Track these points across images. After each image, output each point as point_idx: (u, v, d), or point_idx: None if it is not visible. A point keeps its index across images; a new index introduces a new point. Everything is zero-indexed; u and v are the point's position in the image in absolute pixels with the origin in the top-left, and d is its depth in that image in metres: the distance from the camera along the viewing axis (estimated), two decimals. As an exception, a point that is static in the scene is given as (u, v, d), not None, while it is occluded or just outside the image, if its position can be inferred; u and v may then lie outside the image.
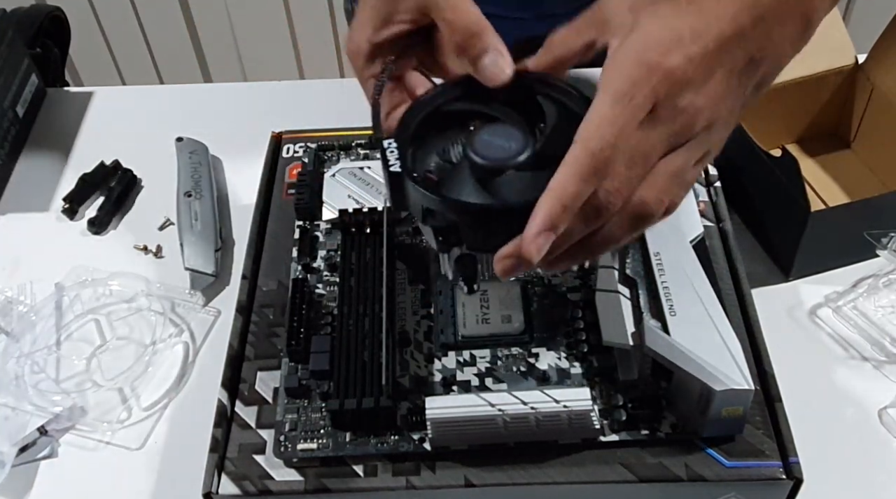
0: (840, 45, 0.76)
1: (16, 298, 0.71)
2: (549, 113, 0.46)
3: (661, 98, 0.39)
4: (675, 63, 0.39)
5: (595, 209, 0.40)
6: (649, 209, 0.41)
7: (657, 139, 0.40)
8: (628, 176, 0.40)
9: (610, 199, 0.39)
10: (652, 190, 0.41)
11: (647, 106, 0.39)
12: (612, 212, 0.40)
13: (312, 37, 1.74)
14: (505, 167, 0.44)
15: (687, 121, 0.40)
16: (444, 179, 0.46)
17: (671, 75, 0.39)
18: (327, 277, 0.59)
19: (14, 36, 0.85)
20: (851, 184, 0.77)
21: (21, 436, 0.61)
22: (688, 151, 0.41)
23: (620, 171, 0.39)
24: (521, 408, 0.49)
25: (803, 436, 0.50)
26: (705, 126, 0.41)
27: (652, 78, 0.39)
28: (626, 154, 0.39)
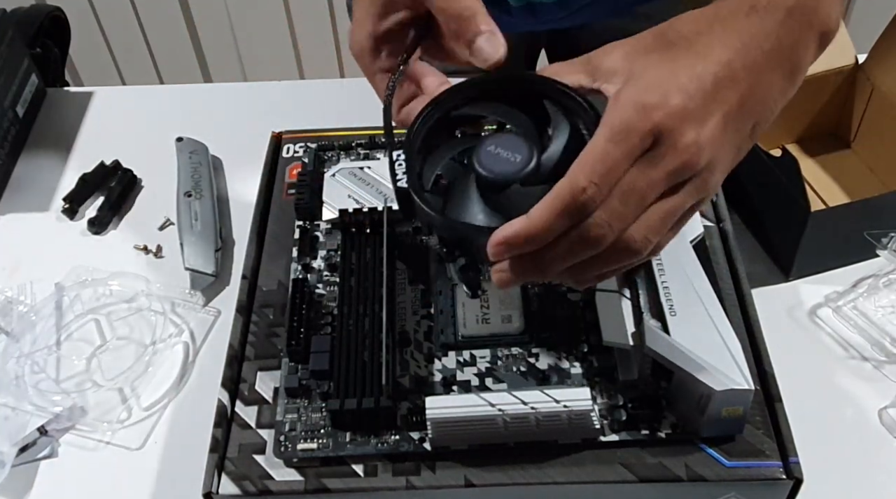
0: (840, 45, 0.76)
1: (16, 298, 0.71)
2: (557, 120, 0.46)
3: (663, 135, 0.39)
4: (677, 101, 0.39)
5: (583, 240, 0.40)
6: (635, 246, 0.41)
7: (656, 177, 0.40)
8: (622, 212, 0.40)
9: (600, 232, 0.40)
10: (642, 229, 0.41)
11: (646, 142, 0.39)
12: (602, 245, 0.40)
13: (312, 37, 1.74)
14: (509, 182, 0.44)
15: (687, 159, 0.40)
16: (452, 189, 0.46)
17: (673, 112, 0.39)
18: (327, 277, 0.59)
19: (14, 36, 0.85)
20: (851, 184, 0.77)
21: (21, 436, 0.61)
22: (686, 193, 0.41)
23: (614, 205, 0.40)
24: (521, 408, 0.49)
25: (803, 436, 0.50)
26: (706, 166, 0.41)
27: (653, 116, 0.39)
28: (622, 189, 0.39)
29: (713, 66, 0.40)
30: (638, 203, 0.40)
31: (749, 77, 0.41)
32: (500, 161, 0.44)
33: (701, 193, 0.42)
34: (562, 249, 0.40)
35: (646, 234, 0.41)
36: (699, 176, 0.41)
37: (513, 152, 0.44)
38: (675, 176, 0.40)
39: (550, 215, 0.39)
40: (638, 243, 0.41)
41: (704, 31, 0.42)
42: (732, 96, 0.41)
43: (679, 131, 0.39)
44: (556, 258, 0.41)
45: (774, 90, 0.42)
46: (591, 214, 0.39)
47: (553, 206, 0.39)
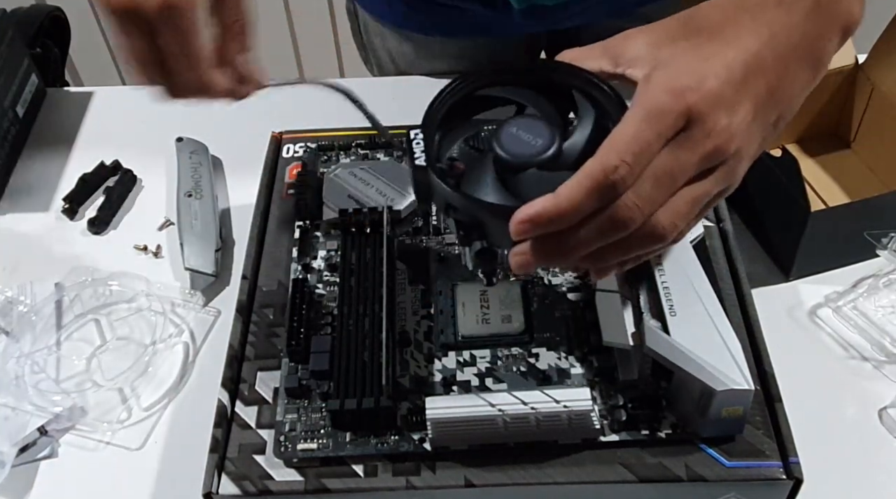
0: (840, 45, 0.76)
1: (16, 298, 0.71)
2: (583, 108, 0.45)
3: (696, 118, 0.39)
4: (711, 85, 0.39)
5: (612, 222, 0.39)
6: (661, 231, 0.40)
7: (688, 160, 0.39)
8: (651, 194, 0.39)
9: (629, 214, 0.39)
10: (669, 214, 0.40)
11: (678, 124, 0.39)
12: (630, 228, 0.39)
13: (312, 37, 1.74)
14: (527, 165, 0.43)
15: (720, 144, 0.39)
16: (467, 171, 0.45)
17: (707, 96, 0.39)
18: (327, 277, 0.59)
19: (14, 36, 0.85)
20: (851, 184, 0.77)
21: (21, 436, 0.61)
22: (714, 180, 0.41)
23: (645, 187, 0.39)
24: (521, 408, 0.49)
25: (803, 436, 0.50)
26: (735, 153, 0.40)
27: (687, 98, 0.39)
28: (653, 171, 0.39)
29: (743, 55, 0.40)
30: (668, 186, 0.39)
31: (777, 67, 0.41)
32: (520, 143, 0.43)
33: (728, 180, 0.42)
34: (588, 230, 0.39)
35: (673, 219, 0.40)
36: (727, 163, 0.41)
37: (534, 136, 0.44)
38: (707, 161, 0.40)
39: (580, 194, 0.38)
40: (665, 228, 0.40)
41: (732, 19, 0.41)
42: (762, 85, 0.40)
43: (712, 116, 0.39)
44: (580, 241, 0.40)
45: (799, 82, 0.42)
46: (620, 196, 0.38)
47: (583, 184, 0.38)
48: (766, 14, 0.41)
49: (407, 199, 0.62)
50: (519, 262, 0.41)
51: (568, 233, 0.40)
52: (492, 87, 0.47)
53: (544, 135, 0.44)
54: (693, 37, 0.41)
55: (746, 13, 0.41)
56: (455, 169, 0.46)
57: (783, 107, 0.42)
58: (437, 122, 0.46)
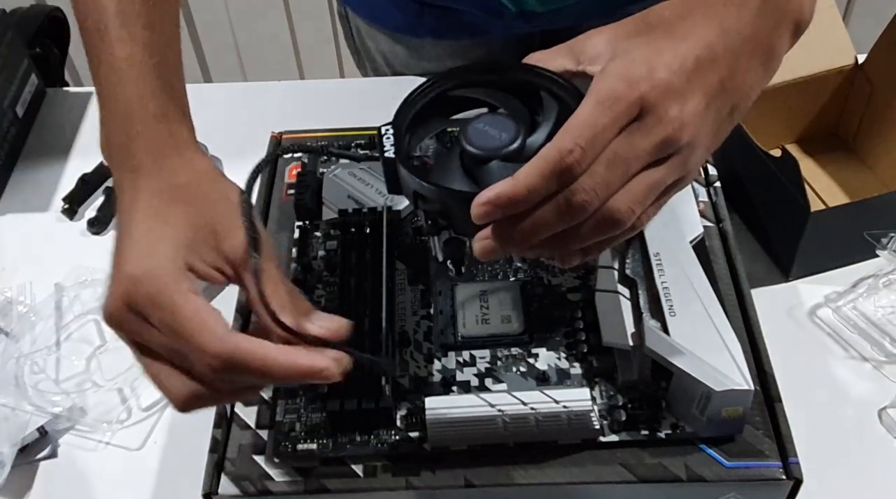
0: (840, 45, 0.76)
1: (16, 298, 0.71)
2: (548, 106, 0.46)
3: (648, 107, 0.40)
4: (662, 75, 0.40)
5: (569, 204, 0.40)
6: (619, 216, 0.41)
7: (641, 147, 0.40)
8: (606, 178, 0.40)
9: (585, 197, 0.40)
10: (626, 199, 0.41)
11: (631, 112, 0.40)
12: (587, 211, 0.40)
13: (312, 37, 1.74)
14: (492, 156, 0.45)
15: (672, 133, 0.41)
16: (435, 164, 0.46)
17: (658, 86, 0.40)
18: (327, 277, 0.59)
19: (14, 36, 0.85)
20: (851, 184, 0.77)
21: (21, 436, 0.61)
22: (668, 168, 0.42)
23: (599, 171, 0.40)
24: (521, 408, 0.49)
25: (803, 436, 0.50)
26: (688, 142, 0.41)
27: (640, 87, 0.40)
28: (607, 156, 0.40)
29: (695, 48, 0.41)
30: (623, 171, 0.41)
31: (728, 60, 0.42)
32: (486, 137, 0.45)
33: (682, 169, 0.43)
34: (546, 213, 0.40)
35: (629, 204, 0.41)
36: (680, 153, 0.42)
37: (500, 131, 0.45)
38: (659, 149, 0.41)
39: (536, 177, 0.40)
40: (622, 213, 0.41)
41: (686, 15, 0.43)
42: (713, 77, 0.42)
43: (663, 105, 0.40)
44: (539, 224, 0.41)
45: (752, 75, 0.43)
46: (576, 179, 0.40)
47: (539, 167, 0.40)
48: (718, 10, 0.43)
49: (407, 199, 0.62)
50: (482, 247, 0.42)
51: (527, 216, 0.41)
52: (462, 89, 0.49)
53: (509, 129, 0.45)
54: (648, 33, 0.43)
55: (699, 10, 0.43)
56: (424, 164, 0.47)
57: (736, 98, 0.43)
58: (408, 120, 0.47)
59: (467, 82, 0.49)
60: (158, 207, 0.45)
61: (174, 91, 0.49)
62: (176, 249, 0.43)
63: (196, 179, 0.46)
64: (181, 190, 0.46)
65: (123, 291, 0.43)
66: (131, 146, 0.46)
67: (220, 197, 0.46)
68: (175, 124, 0.48)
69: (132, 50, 0.48)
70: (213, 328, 0.41)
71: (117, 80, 0.48)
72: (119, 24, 0.48)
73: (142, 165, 0.46)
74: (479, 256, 0.43)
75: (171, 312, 0.42)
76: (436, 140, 0.49)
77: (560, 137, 0.40)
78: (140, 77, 0.48)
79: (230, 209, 0.45)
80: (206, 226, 0.45)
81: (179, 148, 0.47)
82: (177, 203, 0.45)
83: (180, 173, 0.46)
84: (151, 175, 0.46)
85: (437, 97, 0.48)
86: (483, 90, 0.48)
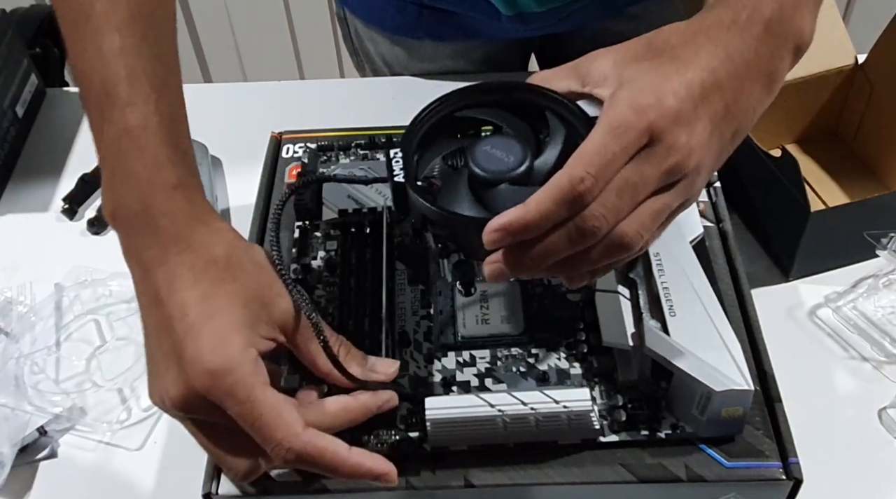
0: (840, 45, 0.76)
1: (15, 298, 0.71)
2: (554, 128, 0.47)
3: (658, 134, 0.41)
4: (671, 103, 0.41)
5: (579, 231, 0.41)
6: (627, 240, 0.42)
7: (650, 174, 0.41)
8: (616, 205, 0.41)
9: (595, 223, 0.41)
10: (634, 224, 0.42)
11: (641, 140, 0.41)
12: (597, 236, 0.41)
13: (312, 37, 1.74)
14: (500, 180, 0.45)
15: (681, 160, 0.41)
16: (443, 187, 0.47)
17: (667, 114, 0.41)
18: (327, 277, 0.59)
19: (14, 36, 0.85)
20: (851, 184, 0.77)
21: (21, 436, 0.61)
22: (675, 193, 0.43)
23: (610, 198, 0.41)
24: (521, 408, 0.49)
25: (803, 436, 0.50)
26: (695, 167, 0.42)
27: (649, 115, 0.41)
28: (618, 184, 0.41)
29: (701, 73, 0.42)
30: (632, 198, 0.41)
31: (732, 85, 0.43)
32: (493, 160, 0.45)
33: (687, 194, 0.43)
34: (556, 239, 0.41)
35: (638, 229, 0.42)
36: (687, 177, 0.43)
37: (507, 153, 0.46)
38: (668, 175, 0.42)
39: (548, 204, 0.40)
40: (631, 238, 0.42)
41: (690, 41, 0.44)
42: (719, 103, 0.43)
43: (672, 133, 0.41)
44: (550, 250, 0.41)
45: (754, 99, 0.44)
46: (587, 206, 0.40)
47: (551, 194, 0.40)
48: (722, 36, 0.43)
49: (407, 199, 0.62)
50: (492, 270, 0.43)
51: (538, 242, 0.41)
52: (468, 109, 0.49)
53: (517, 152, 0.46)
54: (654, 57, 0.43)
55: (703, 35, 0.44)
56: (432, 185, 0.48)
57: (739, 122, 0.44)
58: (416, 141, 0.48)
59: (473, 103, 0.49)
60: (207, 288, 0.45)
61: (186, 155, 0.49)
62: (244, 337, 0.44)
63: (230, 251, 0.46)
64: (220, 265, 0.45)
65: (201, 385, 0.43)
66: (152, 216, 0.46)
67: (253, 264, 0.47)
68: (193, 192, 0.47)
69: (144, 115, 0.47)
70: (291, 424, 0.43)
71: (130, 146, 0.46)
72: (128, 86, 0.47)
73: (168, 239, 0.45)
74: (489, 280, 0.43)
75: (251, 406, 0.43)
76: (441, 160, 0.49)
77: (572, 165, 0.40)
78: (157, 144, 0.47)
79: (265, 274, 0.47)
80: (255, 299, 0.45)
81: (203, 218, 0.47)
82: (224, 282, 0.45)
83: (213, 246, 0.46)
84: (182, 250, 0.45)
85: (443, 118, 0.48)
86: (488, 111, 0.49)
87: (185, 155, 0.49)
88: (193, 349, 0.43)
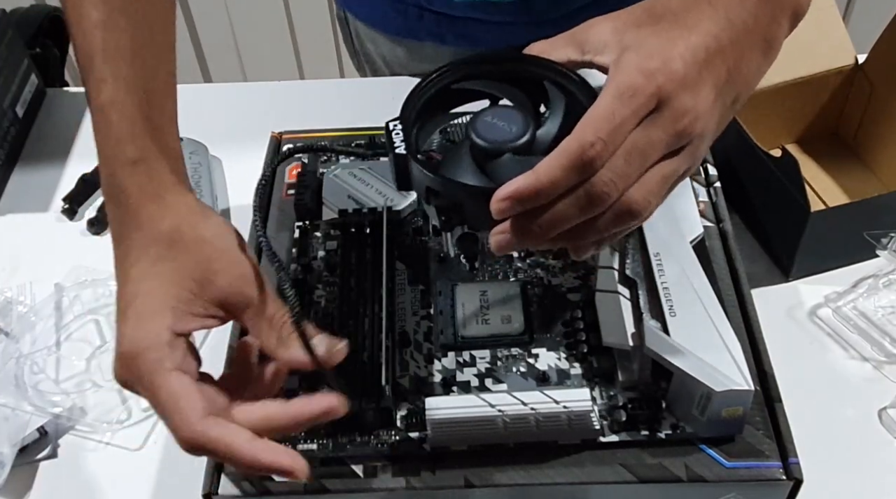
0: (840, 45, 0.76)
1: (15, 298, 0.71)
2: (554, 98, 0.46)
3: (665, 98, 0.40)
4: (677, 67, 0.41)
5: (589, 197, 0.40)
6: (636, 207, 0.41)
7: (658, 139, 0.41)
8: (625, 170, 0.40)
9: (605, 189, 0.40)
10: (642, 190, 0.41)
11: (650, 104, 0.40)
12: (606, 203, 0.41)
13: (312, 37, 1.74)
14: (503, 150, 0.44)
15: (687, 124, 0.41)
16: (445, 160, 0.46)
17: (675, 77, 0.40)
18: (327, 277, 0.59)
19: (14, 36, 0.85)
20: (851, 184, 0.77)
21: (21, 436, 0.61)
22: (681, 159, 0.42)
23: (618, 164, 0.40)
24: (521, 408, 0.49)
25: (803, 436, 0.50)
26: (699, 133, 0.42)
27: (657, 79, 0.40)
28: (626, 149, 0.40)
29: (705, 38, 0.42)
30: (640, 163, 0.41)
31: (734, 51, 0.43)
32: (495, 130, 0.45)
33: (691, 160, 0.43)
34: (565, 207, 0.41)
35: (646, 195, 0.41)
36: (692, 143, 0.42)
37: (509, 124, 0.45)
38: (675, 140, 0.41)
39: (557, 170, 0.40)
40: (639, 204, 0.41)
41: (692, 6, 0.43)
42: (721, 68, 0.42)
43: (679, 97, 0.41)
44: (558, 217, 0.41)
45: (753, 65, 0.44)
46: (596, 172, 0.40)
47: (560, 160, 0.40)
48: (722, 2, 0.43)
49: (407, 199, 0.62)
50: (499, 241, 0.42)
51: (546, 210, 0.41)
52: (466, 81, 0.48)
53: (518, 122, 0.45)
54: (656, 23, 0.43)
55: (704, 1, 0.43)
56: (431, 159, 0.47)
57: (740, 88, 0.44)
58: (415, 113, 0.47)
59: (470, 74, 0.48)
60: (144, 268, 0.45)
61: (158, 130, 0.48)
62: (164, 319, 0.44)
63: (176, 224, 0.46)
64: (162, 243, 0.45)
65: (119, 368, 0.44)
66: (115, 193, 0.46)
67: (197, 240, 0.46)
68: (155, 166, 0.47)
69: (113, 90, 0.47)
70: (187, 414, 0.43)
71: (101, 122, 0.47)
72: (102, 61, 0.47)
73: (126, 215, 0.46)
74: (495, 251, 0.43)
75: (151, 393, 0.43)
76: (439, 134, 0.49)
77: (581, 130, 0.40)
78: (120, 120, 0.46)
79: (210, 249, 0.46)
80: (191, 277, 0.45)
81: (160, 192, 0.46)
82: (162, 260, 0.45)
83: (159, 222, 0.46)
84: (134, 227, 0.46)
85: (441, 90, 0.48)
86: (486, 82, 0.48)
87: (157, 129, 0.48)
88: (119, 333, 0.44)
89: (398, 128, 0.45)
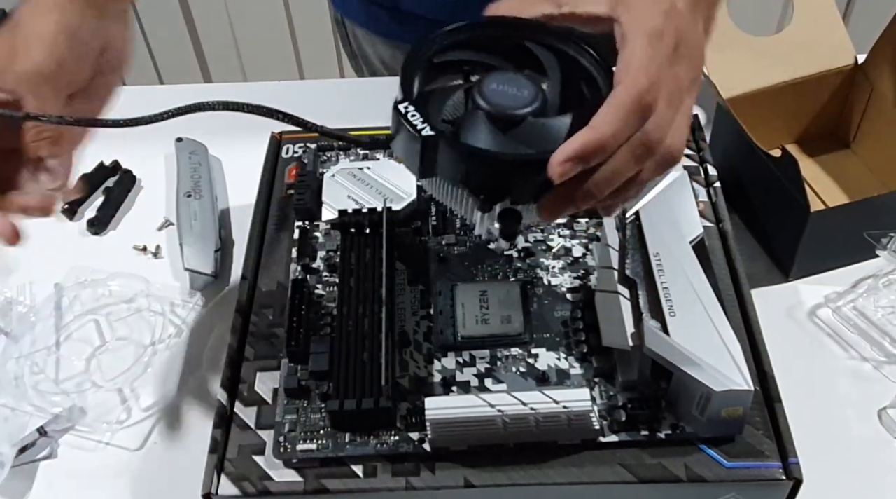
0: (840, 45, 0.76)
1: (15, 298, 0.71)
2: (547, 59, 0.45)
3: (682, 35, 0.41)
4: (681, 5, 0.41)
5: (644, 145, 0.40)
6: (676, 151, 0.41)
7: (685, 76, 0.41)
8: (667, 114, 0.40)
9: (658, 135, 0.40)
10: (678, 134, 0.41)
11: (672, 44, 0.40)
12: (657, 150, 0.40)
13: (312, 37, 1.74)
14: (523, 115, 0.43)
15: (699, 59, 0.42)
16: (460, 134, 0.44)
17: (683, 15, 0.41)
18: (327, 277, 0.59)
19: (14, 36, 0.85)
20: (851, 184, 0.77)
21: (21, 436, 0.61)
22: (694, 93, 0.42)
23: (662, 107, 0.40)
24: (521, 408, 0.49)
25: (803, 436, 0.50)
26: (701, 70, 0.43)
27: (673, 19, 0.40)
28: (665, 91, 0.40)
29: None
30: (677, 104, 0.41)
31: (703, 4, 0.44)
32: (509, 97, 0.43)
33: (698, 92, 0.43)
34: (620, 159, 0.40)
35: (681, 138, 0.41)
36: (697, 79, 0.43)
37: (518, 88, 0.43)
38: (697, 74, 0.42)
39: (618, 121, 0.39)
40: (677, 148, 0.41)
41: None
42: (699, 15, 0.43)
43: (690, 33, 0.41)
44: (616, 171, 0.40)
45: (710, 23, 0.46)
46: (649, 118, 0.40)
47: (619, 111, 0.39)
48: None
49: (406, 199, 0.62)
50: (554, 207, 0.41)
51: (600, 166, 0.40)
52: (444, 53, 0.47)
53: (526, 85, 0.44)
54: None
55: None
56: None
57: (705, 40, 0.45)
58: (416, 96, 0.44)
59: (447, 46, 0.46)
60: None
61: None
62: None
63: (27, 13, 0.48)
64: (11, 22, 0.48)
65: None
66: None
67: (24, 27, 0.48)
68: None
69: None
70: None
71: None
72: None
73: None
74: (547, 220, 0.42)
75: None
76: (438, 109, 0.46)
77: (633, 78, 0.39)
78: None
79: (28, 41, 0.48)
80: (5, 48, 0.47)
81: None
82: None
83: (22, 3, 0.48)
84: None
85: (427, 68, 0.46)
86: (465, 52, 0.46)
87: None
88: None
89: (412, 109, 0.42)
